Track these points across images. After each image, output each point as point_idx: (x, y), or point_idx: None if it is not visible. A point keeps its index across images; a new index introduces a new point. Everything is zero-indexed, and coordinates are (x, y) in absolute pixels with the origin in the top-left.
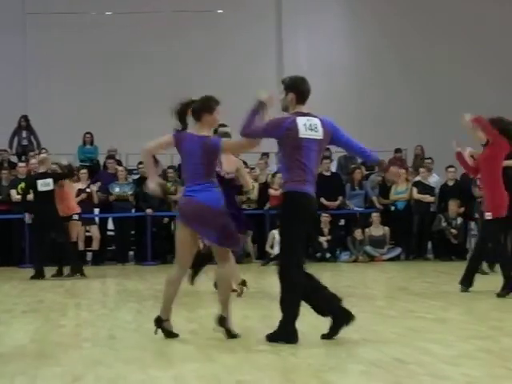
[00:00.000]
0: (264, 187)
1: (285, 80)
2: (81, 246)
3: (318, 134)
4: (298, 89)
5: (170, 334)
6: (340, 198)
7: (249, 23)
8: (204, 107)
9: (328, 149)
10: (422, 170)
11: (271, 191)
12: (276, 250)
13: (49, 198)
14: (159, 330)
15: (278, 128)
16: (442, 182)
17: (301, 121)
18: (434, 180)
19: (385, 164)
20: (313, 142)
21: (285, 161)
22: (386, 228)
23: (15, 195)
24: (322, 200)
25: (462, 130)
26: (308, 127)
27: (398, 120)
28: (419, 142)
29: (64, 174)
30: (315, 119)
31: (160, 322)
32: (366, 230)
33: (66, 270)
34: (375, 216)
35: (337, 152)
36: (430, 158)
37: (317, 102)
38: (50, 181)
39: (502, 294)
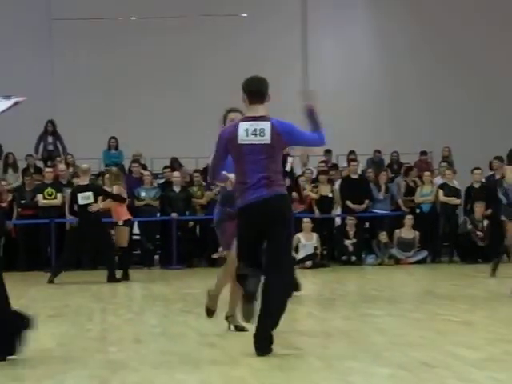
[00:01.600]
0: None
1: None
2: None
3: (265, 139)
4: (246, 89)
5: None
6: (366, 201)
7: (274, 26)
8: None
9: (353, 152)
10: (447, 172)
11: (294, 194)
12: (301, 254)
13: (89, 212)
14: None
15: (219, 142)
16: (468, 184)
17: (242, 126)
18: (456, 183)
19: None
20: (257, 146)
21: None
22: (417, 232)
23: (42, 200)
24: (348, 203)
25: (487, 133)
26: (251, 132)
27: (426, 122)
28: (446, 144)
29: (114, 196)
30: (264, 123)
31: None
32: (397, 231)
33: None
34: (409, 218)
35: (362, 155)
36: (446, 162)
37: (342, 104)
38: (89, 194)
39: None
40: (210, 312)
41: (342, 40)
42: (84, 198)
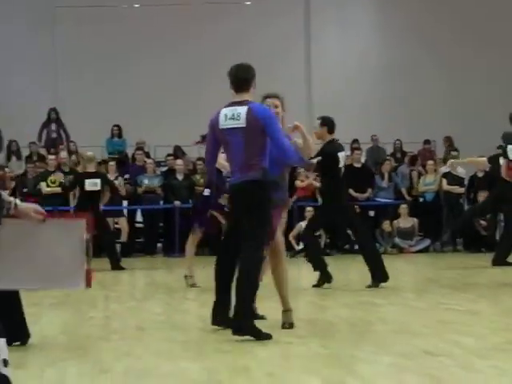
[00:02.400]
0: (290, 179)
1: None
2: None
3: (240, 122)
4: (231, 76)
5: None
6: (369, 189)
7: (277, 15)
8: None
9: (357, 140)
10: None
11: (297, 183)
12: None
13: (94, 198)
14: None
15: (208, 129)
16: (471, 173)
17: (223, 112)
18: (460, 171)
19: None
20: (234, 130)
21: None
22: (415, 219)
23: (45, 188)
24: (351, 191)
25: (490, 122)
26: (229, 117)
27: (429, 111)
28: (448, 133)
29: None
30: (241, 107)
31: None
32: (395, 221)
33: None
34: (403, 208)
35: (364, 143)
36: (456, 150)
37: (345, 94)
38: (98, 181)
39: None
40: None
41: (345, 25)
42: (92, 184)
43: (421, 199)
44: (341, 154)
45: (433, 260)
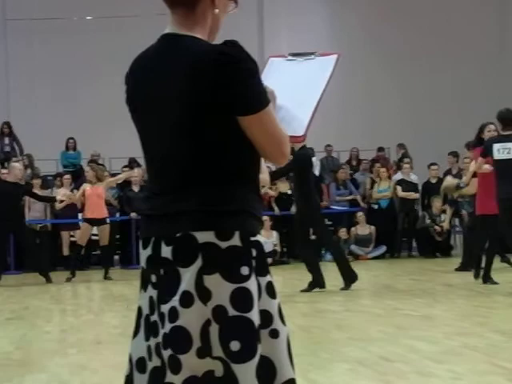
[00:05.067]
0: None
1: None
2: (66, 252)
3: None
4: None
5: None
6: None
7: (230, 25)
8: None
9: (311, 149)
10: (405, 166)
11: None
12: None
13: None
14: None
15: None
16: (424, 180)
17: None
18: (413, 178)
19: None
20: None
21: None
22: (373, 227)
23: None
24: None
25: (442, 129)
26: None
27: (381, 119)
28: (401, 140)
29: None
30: None
31: None
32: (352, 228)
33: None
34: (360, 215)
35: (318, 152)
36: (408, 157)
37: None
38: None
39: None
40: None
41: (298, 32)
42: None
43: (375, 206)
44: (314, 159)
45: (388, 266)
